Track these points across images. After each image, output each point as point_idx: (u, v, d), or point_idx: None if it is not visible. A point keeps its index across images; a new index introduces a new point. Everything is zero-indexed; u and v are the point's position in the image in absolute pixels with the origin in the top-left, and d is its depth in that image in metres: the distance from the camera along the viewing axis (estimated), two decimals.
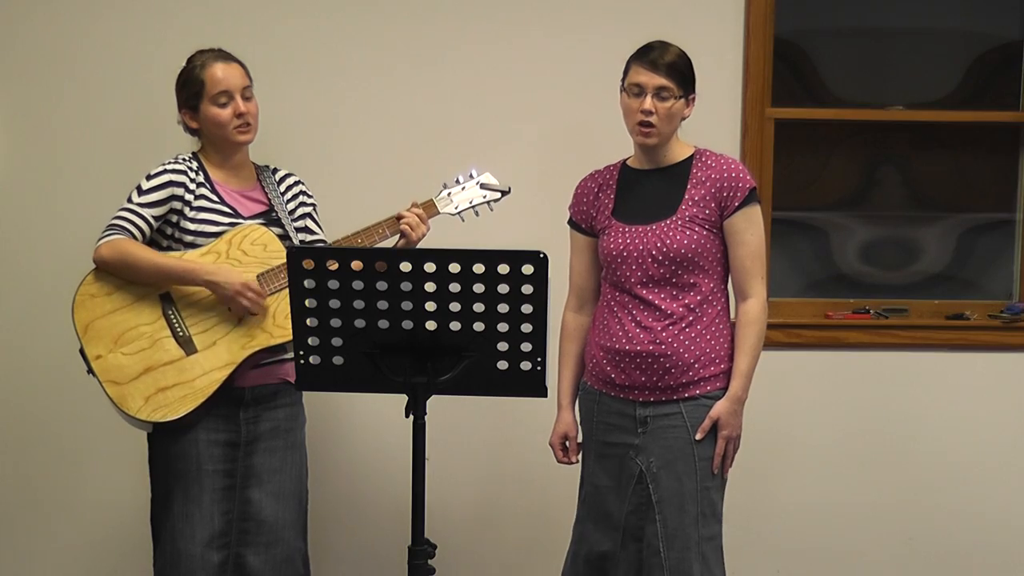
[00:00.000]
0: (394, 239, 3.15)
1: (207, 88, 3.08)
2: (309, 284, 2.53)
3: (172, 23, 3.74)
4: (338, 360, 2.59)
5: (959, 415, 4.02)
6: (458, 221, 3.23)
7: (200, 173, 3.12)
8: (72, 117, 3.79)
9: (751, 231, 3.11)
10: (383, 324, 2.53)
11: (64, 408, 3.82)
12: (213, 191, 3.11)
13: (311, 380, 2.64)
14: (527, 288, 2.49)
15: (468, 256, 2.48)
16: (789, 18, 4.01)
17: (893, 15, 4.15)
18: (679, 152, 3.16)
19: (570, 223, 3.30)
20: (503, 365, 2.56)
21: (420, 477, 2.60)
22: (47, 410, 3.85)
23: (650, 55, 3.08)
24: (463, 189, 3.21)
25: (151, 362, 2.98)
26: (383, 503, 3.87)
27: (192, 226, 3.06)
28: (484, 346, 2.54)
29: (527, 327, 2.52)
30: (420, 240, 3.13)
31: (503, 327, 2.52)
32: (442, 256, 2.49)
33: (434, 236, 3.16)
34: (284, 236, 3.13)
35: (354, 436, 3.93)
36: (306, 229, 3.23)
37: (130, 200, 3.06)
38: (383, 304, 2.51)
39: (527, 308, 2.50)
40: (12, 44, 3.77)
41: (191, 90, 3.10)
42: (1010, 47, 4.15)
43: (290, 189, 3.25)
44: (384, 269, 2.49)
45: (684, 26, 3.74)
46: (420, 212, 3.14)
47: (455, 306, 2.51)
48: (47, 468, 3.89)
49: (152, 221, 3.05)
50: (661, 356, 3.07)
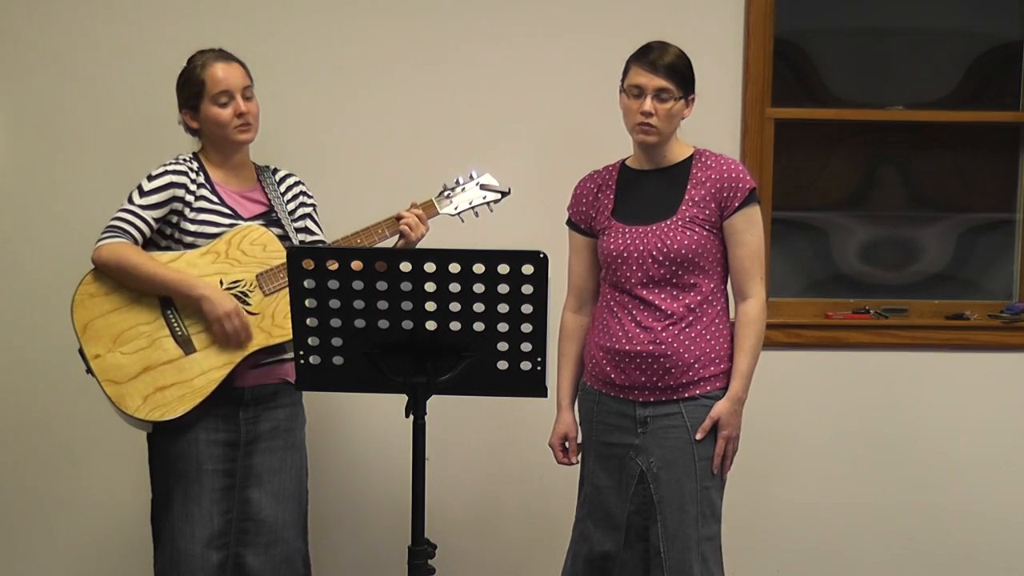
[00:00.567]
0: (393, 239, 3.15)
1: (208, 88, 3.07)
2: (309, 284, 2.53)
3: (172, 23, 3.74)
4: (338, 360, 2.59)
5: (959, 415, 4.02)
6: (458, 221, 3.23)
7: (200, 174, 3.11)
8: (72, 116, 3.79)
9: (751, 231, 3.11)
10: (383, 324, 2.53)
11: (64, 408, 3.82)
12: (213, 192, 3.11)
13: (311, 380, 2.63)
14: (527, 288, 2.49)
15: (468, 256, 2.48)
16: (789, 18, 4.01)
17: (893, 15, 4.14)
18: (679, 152, 3.16)
19: (569, 223, 3.30)
20: (503, 365, 2.56)
21: (420, 477, 2.60)
22: (47, 410, 3.85)
23: (649, 56, 3.07)
24: (463, 190, 3.21)
25: (150, 361, 2.98)
26: (383, 503, 3.87)
27: (192, 227, 3.06)
28: (484, 346, 2.54)
29: (527, 327, 2.52)
30: (419, 240, 3.14)
31: (503, 327, 2.52)
32: (442, 256, 2.49)
33: (434, 236, 3.16)
34: (284, 236, 3.13)
35: (354, 436, 3.93)
36: (306, 230, 3.22)
37: (131, 201, 3.05)
38: (383, 304, 2.51)
39: (527, 308, 2.50)
40: (13, 44, 3.77)
41: (192, 90, 3.10)
42: (1010, 47, 4.15)
43: (290, 189, 3.25)
44: (384, 269, 2.49)
45: (684, 26, 3.74)
46: (420, 212, 3.14)
47: (455, 306, 2.51)
48: (47, 468, 3.89)
49: (152, 223, 3.05)
50: (661, 356, 3.07)
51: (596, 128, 3.54)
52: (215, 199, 3.10)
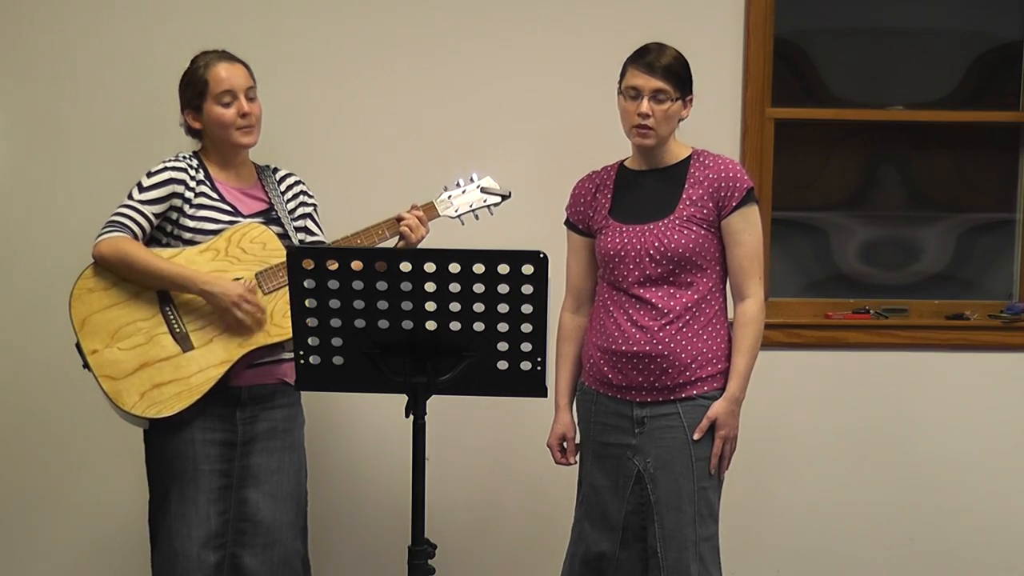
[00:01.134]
0: (394, 240, 3.14)
1: (211, 88, 3.07)
2: (309, 284, 2.53)
3: (172, 23, 3.74)
4: (338, 360, 2.59)
5: (959, 415, 4.02)
6: (457, 222, 3.22)
7: (201, 171, 3.11)
8: (70, 116, 3.79)
9: (749, 231, 3.11)
10: (383, 324, 2.53)
11: (63, 406, 3.82)
12: (213, 188, 3.11)
13: (311, 380, 2.63)
14: (527, 288, 2.49)
15: (468, 256, 2.48)
16: (789, 18, 4.01)
17: (893, 15, 4.15)
18: (677, 153, 3.16)
19: (567, 224, 3.30)
20: (503, 365, 2.56)
21: (420, 477, 2.60)
22: (45, 408, 3.85)
23: (646, 58, 3.07)
24: (463, 192, 3.20)
25: (147, 358, 2.97)
26: (383, 503, 3.87)
27: (192, 223, 3.05)
28: (484, 346, 2.54)
29: (527, 327, 2.52)
30: (420, 242, 3.13)
31: (503, 327, 2.52)
32: (442, 256, 2.49)
33: (434, 236, 3.16)
34: (283, 235, 3.12)
35: (354, 436, 3.93)
36: (306, 229, 3.22)
37: (131, 197, 3.04)
38: (383, 304, 2.51)
39: (527, 308, 2.50)
40: (12, 44, 3.77)
41: (195, 90, 3.09)
42: (1010, 47, 4.15)
43: (291, 189, 3.24)
44: (384, 269, 2.49)
45: (684, 26, 3.74)
46: (420, 214, 3.13)
47: (455, 306, 2.51)
48: (45, 467, 3.89)
49: (152, 218, 3.04)
50: (658, 356, 3.07)
51: (596, 128, 3.54)
52: (215, 195, 3.10)
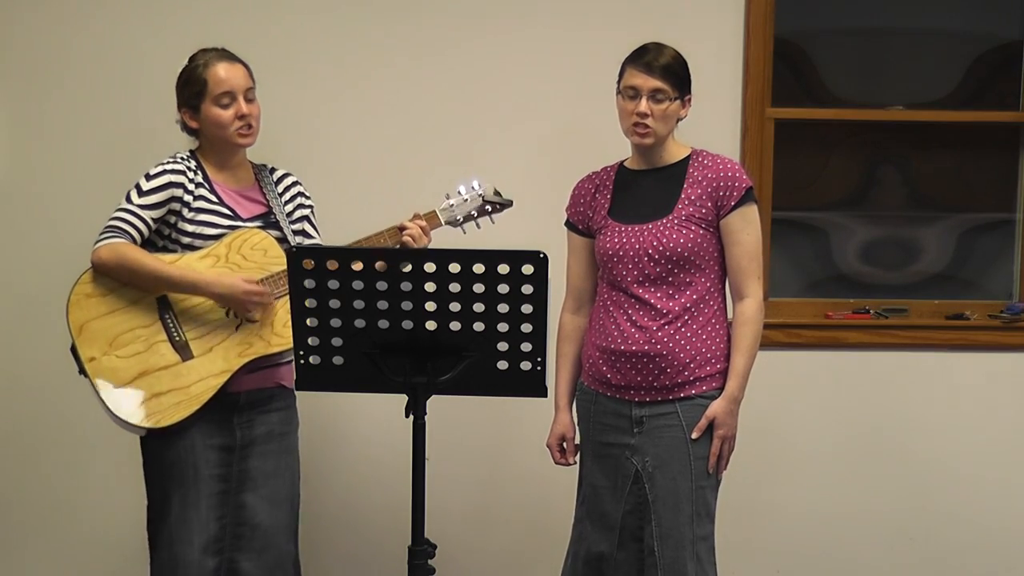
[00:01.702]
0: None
1: (210, 88, 3.02)
2: (309, 284, 2.53)
3: (170, 22, 3.74)
4: (338, 360, 2.58)
5: (959, 415, 4.02)
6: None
7: (199, 173, 3.06)
8: (68, 117, 3.79)
9: (747, 231, 3.11)
10: (383, 324, 2.53)
11: (60, 411, 3.80)
12: (212, 191, 3.06)
13: (311, 380, 2.63)
14: (527, 288, 2.49)
15: (468, 256, 2.48)
16: (789, 18, 4.01)
17: (893, 15, 4.15)
18: (675, 152, 3.16)
19: (567, 224, 3.30)
20: (503, 365, 2.56)
21: (420, 477, 2.60)
22: (42, 413, 3.84)
23: (645, 57, 3.08)
24: (465, 200, 3.14)
25: (146, 366, 2.93)
26: (383, 503, 3.87)
27: (190, 227, 3.01)
28: (484, 346, 2.54)
29: (527, 327, 2.52)
30: None
31: (503, 327, 2.52)
32: (442, 256, 2.49)
33: (434, 236, 3.15)
34: (282, 239, 3.08)
35: (354, 436, 3.93)
36: (303, 232, 3.18)
37: (129, 200, 2.99)
38: (383, 304, 2.51)
39: (527, 308, 2.50)
40: (9, 44, 3.77)
41: (193, 89, 3.04)
42: (1010, 47, 4.15)
43: (288, 190, 3.20)
44: (384, 269, 2.49)
45: (684, 26, 3.74)
46: (423, 224, 3.07)
47: (455, 306, 2.50)
48: (43, 473, 3.88)
49: (151, 223, 2.99)
50: (657, 356, 3.07)
51: (596, 129, 3.54)
52: (214, 198, 3.05)
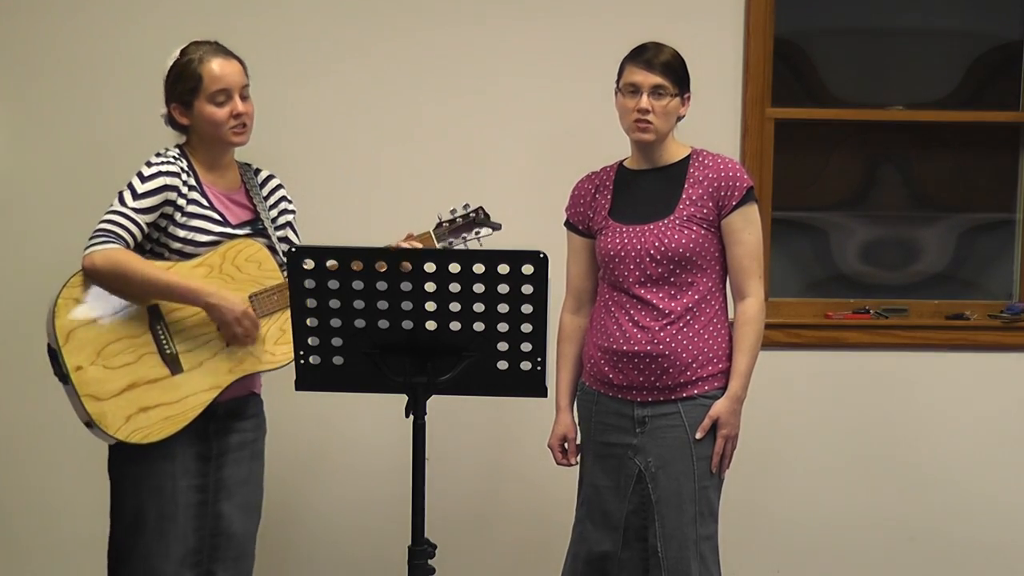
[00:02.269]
0: None
1: (205, 85, 2.89)
2: (309, 284, 2.52)
3: (166, 22, 3.74)
4: (338, 360, 2.58)
5: (959, 415, 4.02)
6: None
7: (191, 174, 2.93)
8: (65, 117, 3.78)
9: (748, 230, 3.11)
10: (383, 324, 2.52)
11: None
12: (203, 195, 2.94)
13: (311, 380, 2.62)
14: (527, 288, 2.48)
15: (468, 256, 2.48)
16: (789, 18, 4.01)
17: (893, 15, 4.15)
18: (676, 152, 3.16)
19: (567, 225, 3.29)
20: (503, 365, 2.56)
21: (420, 477, 2.60)
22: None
23: (644, 55, 3.08)
24: (457, 222, 3.10)
25: (135, 378, 2.80)
26: (383, 503, 3.87)
27: (182, 233, 2.89)
28: (484, 346, 2.53)
29: (527, 327, 2.52)
30: None
31: (503, 327, 2.52)
32: (442, 256, 2.50)
33: None
34: (270, 247, 3.00)
35: (354, 436, 3.93)
36: (286, 239, 3.08)
37: (123, 203, 2.85)
38: (383, 304, 2.51)
39: (527, 308, 2.50)
40: (11, 43, 3.77)
41: (186, 85, 2.90)
42: (1010, 47, 4.15)
43: (273, 193, 3.10)
44: (384, 269, 2.49)
45: (684, 26, 3.74)
46: (419, 246, 2.99)
47: (455, 306, 2.50)
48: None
49: (145, 227, 2.86)
50: (659, 356, 3.07)
51: (595, 129, 3.54)
52: (205, 203, 2.93)
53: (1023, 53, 4.13)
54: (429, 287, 2.49)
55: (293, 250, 2.53)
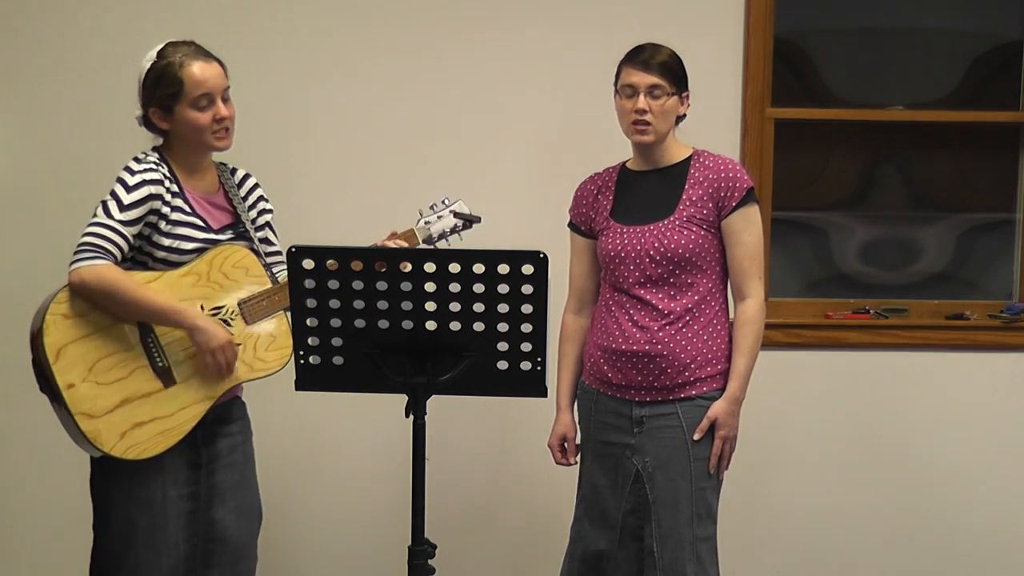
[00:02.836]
0: None
1: (187, 90, 2.81)
2: (309, 284, 2.52)
3: (167, 22, 3.74)
4: (338, 360, 2.58)
5: (959, 415, 4.02)
6: None
7: (173, 181, 2.87)
8: (61, 116, 3.78)
9: (748, 231, 3.11)
10: (383, 324, 2.52)
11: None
12: (186, 201, 2.87)
13: (311, 380, 2.63)
14: (527, 288, 2.48)
15: (468, 256, 2.48)
16: (789, 18, 4.01)
17: (893, 15, 4.15)
18: (677, 153, 3.16)
19: (570, 225, 3.30)
20: (503, 365, 2.56)
21: (420, 477, 2.60)
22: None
23: (641, 56, 3.09)
24: (439, 217, 3.08)
25: (128, 394, 2.76)
26: (383, 503, 3.87)
27: (167, 241, 2.83)
28: (484, 346, 2.54)
29: (527, 327, 2.52)
30: None
31: (503, 327, 2.52)
32: (442, 256, 2.49)
33: None
34: (253, 250, 2.96)
35: (354, 436, 3.93)
36: (266, 240, 3.04)
37: (109, 214, 2.76)
38: (383, 304, 2.51)
39: (527, 308, 2.50)
40: (11, 43, 3.78)
41: (167, 90, 2.82)
42: (1010, 47, 4.15)
43: (251, 193, 3.04)
44: (384, 269, 2.49)
45: (684, 26, 3.74)
46: (404, 244, 2.97)
47: (455, 306, 2.50)
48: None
49: (131, 239, 2.79)
50: (657, 356, 3.07)
51: (595, 129, 3.54)
52: (188, 209, 2.87)
53: (1023, 53, 4.13)
54: (429, 287, 2.49)
55: (293, 250, 2.53)
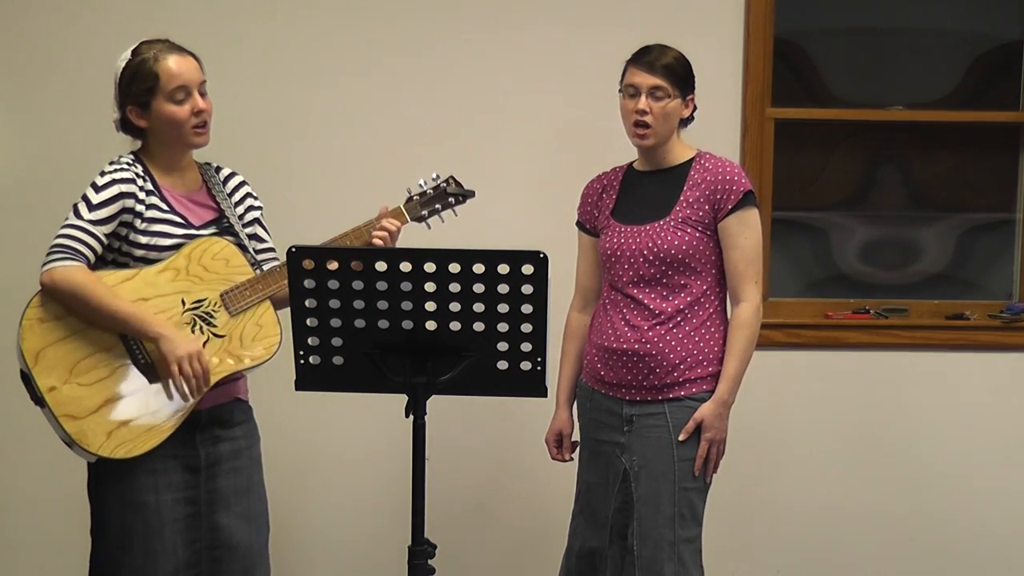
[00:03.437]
0: None
1: (162, 83, 2.78)
2: (309, 284, 2.52)
3: (161, 21, 3.73)
4: (338, 360, 2.58)
5: (959, 415, 4.02)
6: (459, 221, 3.21)
7: (147, 179, 2.83)
8: (58, 116, 3.78)
9: (745, 234, 3.10)
10: (383, 324, 2.52)
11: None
12: (162, 199, 2.84)
13: (311, 380, 2.63)
14: (527, 288, 2.48)
15: (468, 256, 2.48)
16: (789, 18, 4.01)
17: (893, 15, 4.15)
18: (680, 154, 3.16)
19: (577, 224, 3.31)
20: (503, 365, 2.56)
21: (420, 477, 2.60)
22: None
23: (646, 57, 3.09)
24: (427, 194, 3.01)
25: (111, 392, 2.73)
26: (383, 503, 3.87)
27: (144, 239, 2.79)
28: (484, 346, 2.54)
29: (527, 327, 2.52)
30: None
31: (503, 327, 2.52)
32: (442, 256, 2.49)
33: (433, 236, 3.14)
34: (239, 244, 2.91)
35: (354, 436, 3.93)
36: (256, 237, 3.00)
37: (79, 216, 2.74)
38: (383, 304, 2.51)
39: (527, 308, 2.50)
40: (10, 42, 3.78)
41: (143, 85, 2.79)
42: (1010, 47, 4.15)
43: (237, 190, 3.00)
44: (384, 269, 2.49)
45: (684, 26, 3.74)
46: (395, 223, 2.92)
47: (455, 306, 2.50)
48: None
49: (104, 239, 2.76)
50: (646, 355, 3.07)
51: (597, 129, 3.54)
52: (164, 207, 2.83)
53: (1023, 53, 4.13)
54: (429, 287, 2.49)
55: (293, 250, 2.53)
